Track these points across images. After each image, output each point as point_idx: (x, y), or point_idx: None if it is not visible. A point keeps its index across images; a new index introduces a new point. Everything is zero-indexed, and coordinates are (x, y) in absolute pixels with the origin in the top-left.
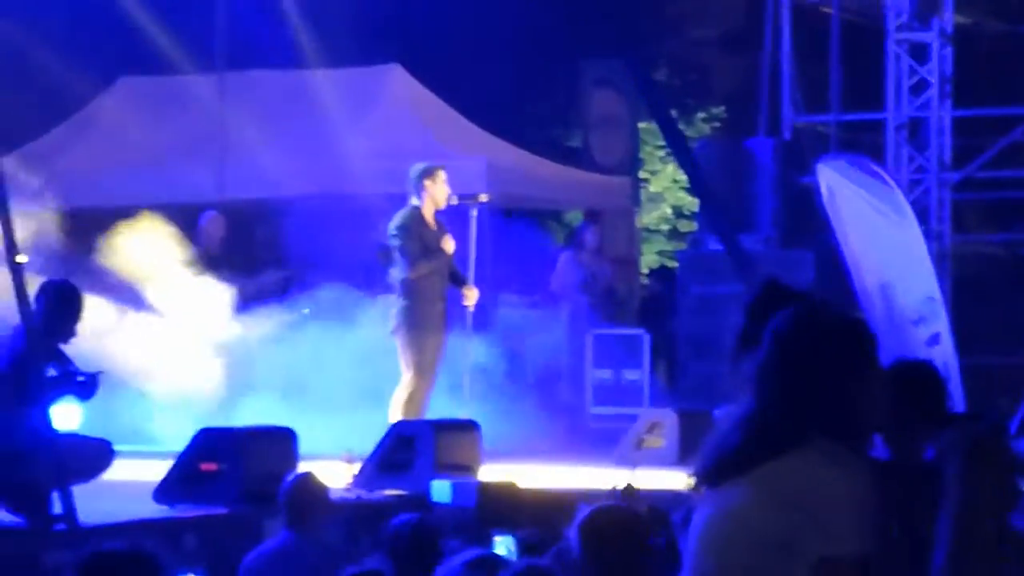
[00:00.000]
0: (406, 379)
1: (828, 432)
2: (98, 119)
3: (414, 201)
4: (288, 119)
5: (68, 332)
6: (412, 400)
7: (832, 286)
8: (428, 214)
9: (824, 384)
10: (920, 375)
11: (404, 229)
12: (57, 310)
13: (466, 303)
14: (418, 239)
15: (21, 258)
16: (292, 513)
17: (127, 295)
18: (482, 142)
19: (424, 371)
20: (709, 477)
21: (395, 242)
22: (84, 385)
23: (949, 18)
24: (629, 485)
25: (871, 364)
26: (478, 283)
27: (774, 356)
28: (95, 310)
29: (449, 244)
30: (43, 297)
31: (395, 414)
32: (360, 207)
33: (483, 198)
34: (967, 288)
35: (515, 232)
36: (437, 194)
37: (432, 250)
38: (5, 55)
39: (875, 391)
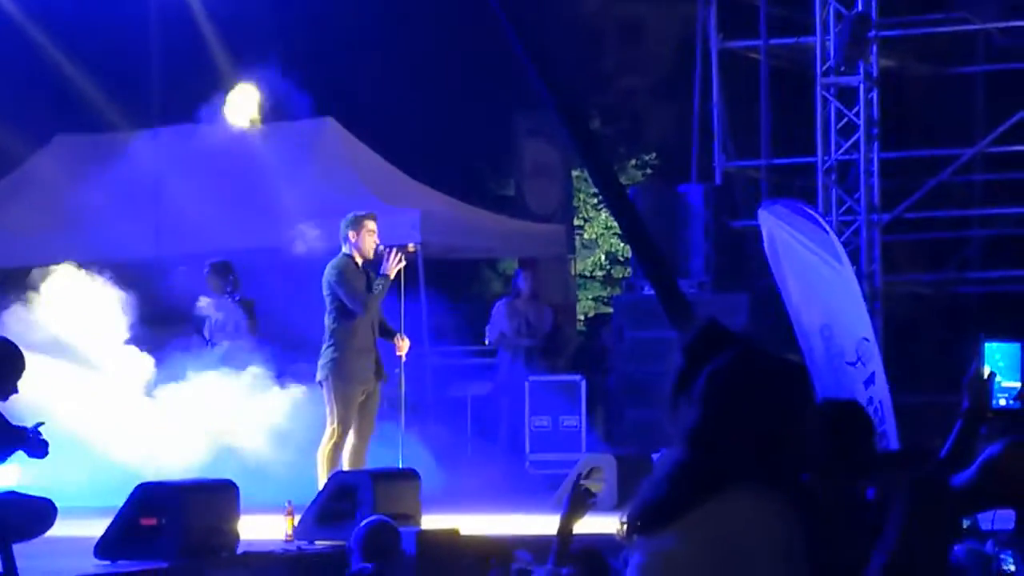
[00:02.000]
0: (329, 430)
1: (759, 475)
2: (34, 177)
3: (345, 249)
4: (223, 173)
5: (7, 390)
6: (336, 450)
7: (766, 328)
8: (359, 262)
9: (759, 427)
10: (848, 415)
11: (340, 275)
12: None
13: (399, 353)
14: (358, 283)
15: None
16: (364, 556)
17: (57, 350)
18: (417, 193)
19: (347, 422)
20: (641, 524)
21: (331, 289)
22: (39, 442)
23: (875, 62)
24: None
25: (805, 407)
26: (412, 332)
27: (709, 399)
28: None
29: (395, 267)
30: None
31: (321, 465)
32: (295, 260)
33: (411, 248)
34: (898, 328)
35: (451, 280)
36: (364, 244)
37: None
38: None
39: (807, 434)
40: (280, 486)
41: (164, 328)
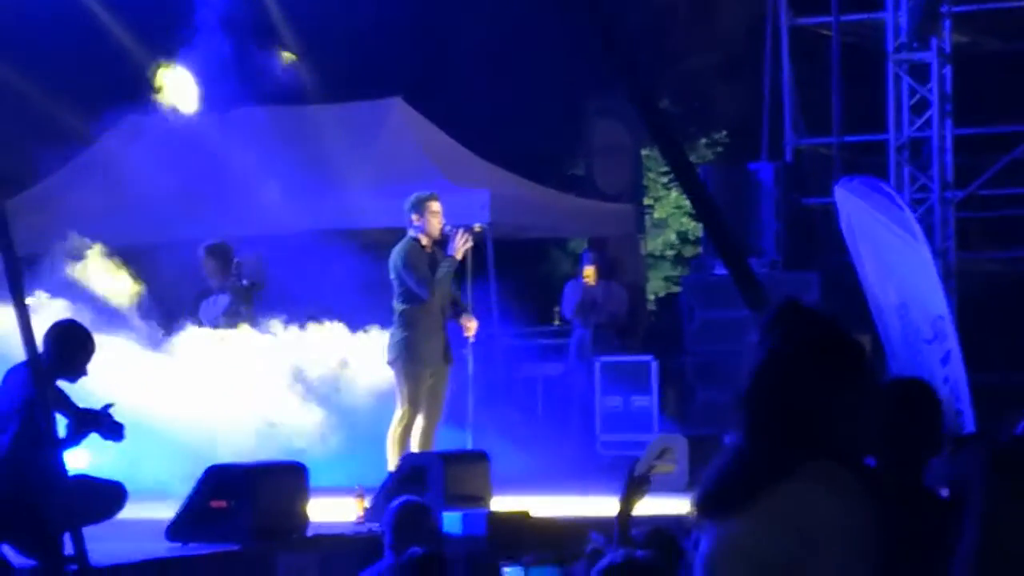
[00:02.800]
0: (399, 412)
1: (823, 453)
2: (103, 159)
3: (411, 232)
4: (291, 155)
5: (77, 372)
6: (406, 432)
7: (838, 307)
8: (427, 245)
9: (819, 401)
10: (916, 395)
11: (405, 259)
12: (66, 350)
13: (467, 334)
14: (423, 266)
15: (29, 300)
16: (396, 537)
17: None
18: (485, 173)
19: (417, 404)
20: (709, 508)
21: (397, 273)
22: (112, 424)
23: (947, 37)
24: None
25: (864, 381)
26: (481, 313)
27: (769, 376)
28: (107, 348)
29: (462, 248)
30: (51, 337)
31: (392, 447)
32: (365, 242)
33: (477, 228)
34: (973, 306)
35: (520, 261)
36: (429, 225)
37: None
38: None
39: (869, 409)
40: (348, 468)
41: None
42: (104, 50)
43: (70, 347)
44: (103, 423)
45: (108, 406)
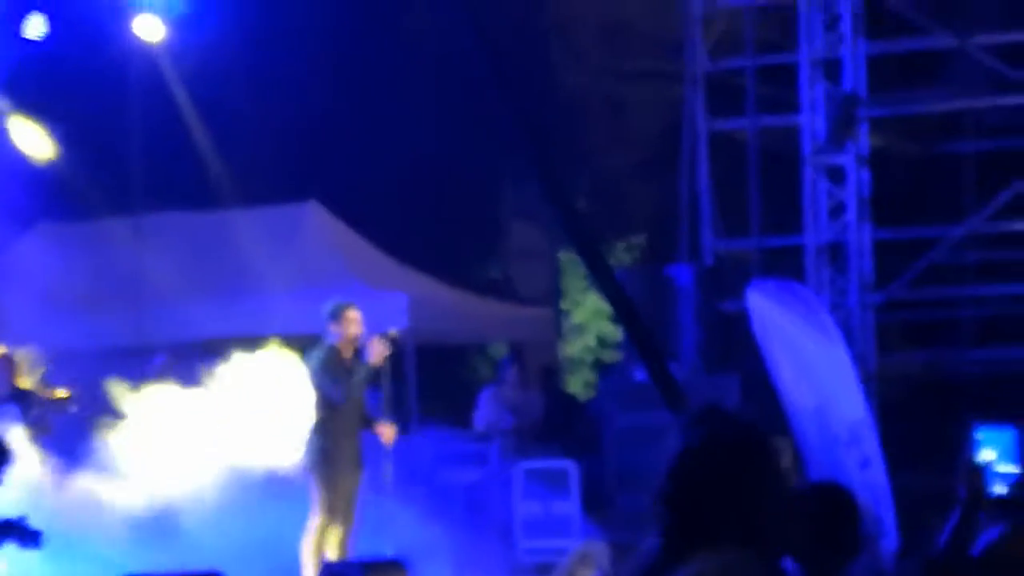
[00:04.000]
0: (315, 520)
1: (733, 537)
2: (15, 264)
3: (328, 340)
4: (206, 260)
5: None
6: (323, 540)
7: (758, 410)
8: (345, 352)
9: (729, 494)
10: (833, 499)
11: (323, 366)
12: None
13: (384, 440)
14: (340, 372)
15: None
16: None
17: None
18: (403, 277)
19: (334, 511)
20: None
21: (315, 380)
22: (33, 533)
23: (864, 141)
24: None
25: (777, 480)
26: (400, 418)
27: (680, 472)
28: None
29: (379, 354)
30: None
31: (308, 556)
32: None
33: (392, 334)
34: (892, 409)
35: (440, 365)
36: (348, 332)
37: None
38: None
39: (782, 508)
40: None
41: None
42: None
43: None
44: (18, 531)
45: (22, 518)
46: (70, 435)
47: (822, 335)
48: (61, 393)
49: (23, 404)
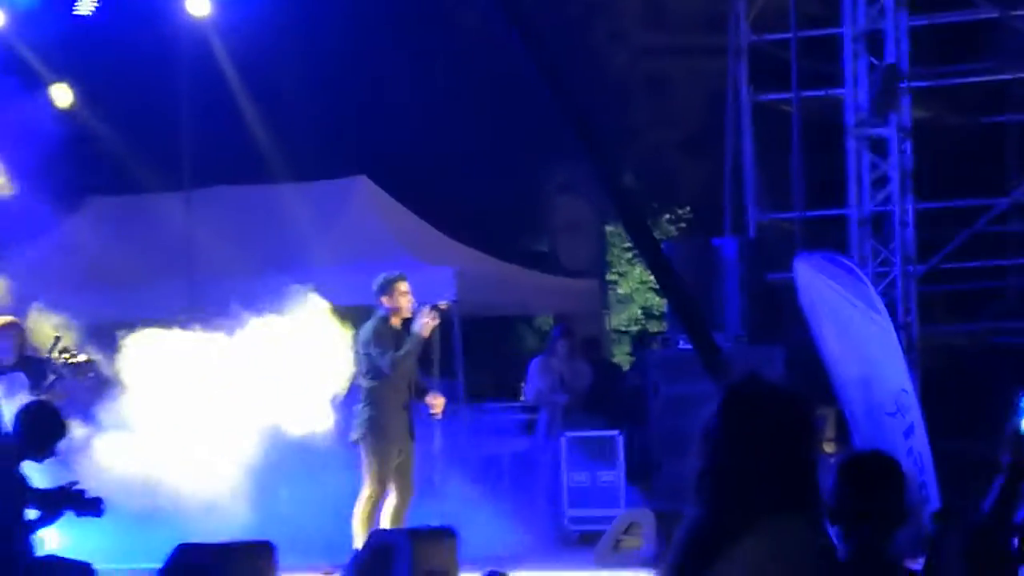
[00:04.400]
0: (366, 490)
1: (783, 505)
2: (68, 240)
3: (380, 312)
4: (256, 234)
5: (45, 452)
6: (375, 510)
7: (802, 380)
8: (395, 323)
9: (775, 464)
10: (879, 468)
11: (372, 334)
12: (37, 433)
13: (433, 411)
14: (390, 342)
15: None
16: None
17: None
18: (451, 250)
19: (385, 481)
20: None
21: (366, 350)
22: (92, 501)
23: (907, 112)
24: None
25: (817, 449)
26: (448, 390)
27: (718, 439)
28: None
29: (428, 325)
30: (23, 419)
31: (359, 525)
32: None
33: (443, 306)
34: (935, 379)
35: (486, 337)
36: (399, 304)
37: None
38: None
39: (818, 469)
40: (314, 545)
41: None
42: None
43: (42, 430)
44: (76, 500)
45: (73, 483)
46: (90, 400)
47: (867, 306)
48: (82, 358)
49: (33, 371)
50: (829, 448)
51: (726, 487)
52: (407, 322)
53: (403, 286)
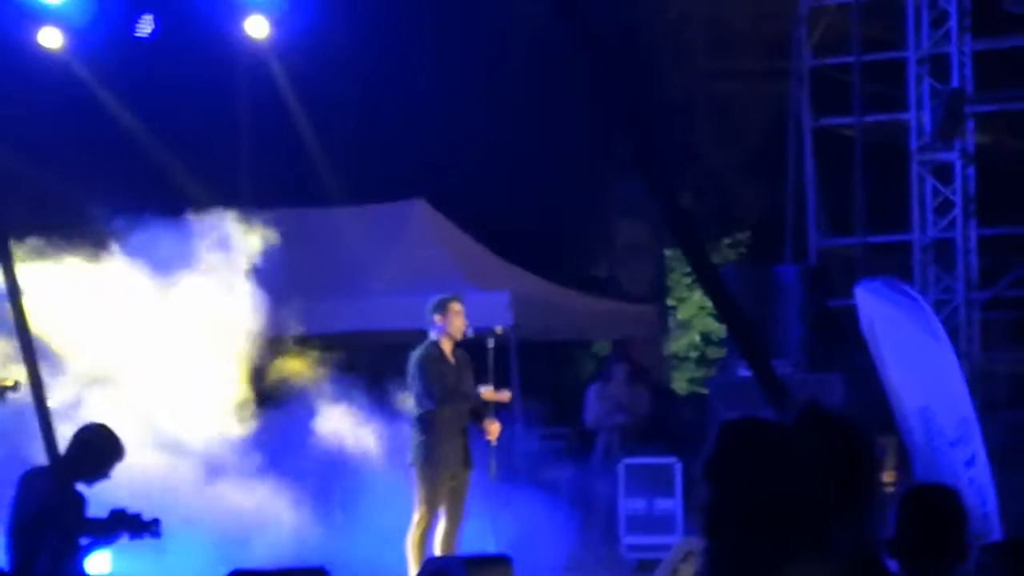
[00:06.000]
0: (417, 515)
1: (811, 551)
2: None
3: (432, 335)
4: (313, 256)
5: (99, 474)
6: (425, 535)
7: (861, 409)
8: (446, 347)
9: (827, 502)
10: (940, 502)
11: (420, 367)
12: (92, 452)
13: (489, 437)
14: (436, 376)
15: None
16: None
17: None
18: (507, 275)
19: (434, 506)
20: None
21: (411, 379)
22: (149, 523)
23: (970, 138)
24: None
25: (877, 485)
26: (504, 415)
27: (781, 472)
28: None
29: (504, 395)
30: (81, 441)
31: (412, 551)
32: (386, 343)
33: (498, 331)
34: (997, 407)
35: (543, 363)
36: (452, 326)
37: (450, 388)
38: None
39: (880, 510)
40: (368, 570)
41: None
42: None
43: (99, 452)
44: (132, 523)
45: (120, 509)
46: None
47: (929, 333)
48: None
49: None
50: (889, 477)
51: (773, 520)
52: (458, 345)
53: (457, 306)
